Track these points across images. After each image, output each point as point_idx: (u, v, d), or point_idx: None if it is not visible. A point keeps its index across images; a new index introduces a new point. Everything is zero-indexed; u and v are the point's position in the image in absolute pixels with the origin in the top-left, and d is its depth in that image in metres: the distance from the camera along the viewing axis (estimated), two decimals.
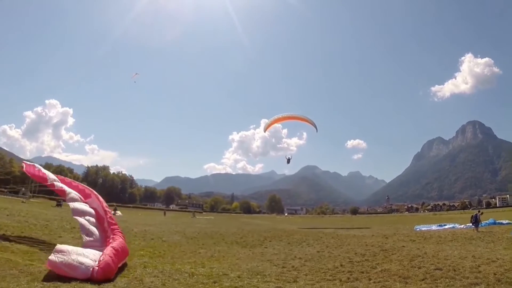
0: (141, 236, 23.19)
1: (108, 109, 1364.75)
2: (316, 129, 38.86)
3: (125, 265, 11.92)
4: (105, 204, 14.65)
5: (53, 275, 9.39)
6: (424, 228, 39.23)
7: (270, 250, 19.30)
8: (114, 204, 77.52)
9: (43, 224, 23.59)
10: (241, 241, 23.86)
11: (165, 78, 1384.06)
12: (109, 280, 9.70)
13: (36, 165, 16.53)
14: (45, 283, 8.89)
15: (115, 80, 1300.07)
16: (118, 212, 58.02)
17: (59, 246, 10.23)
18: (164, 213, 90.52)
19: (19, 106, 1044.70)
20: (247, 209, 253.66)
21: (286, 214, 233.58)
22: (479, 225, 32.50)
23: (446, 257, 15.74)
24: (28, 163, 17.13)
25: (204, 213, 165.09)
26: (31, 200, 76.81)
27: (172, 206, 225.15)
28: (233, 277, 11.40)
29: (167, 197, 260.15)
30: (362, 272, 12.80)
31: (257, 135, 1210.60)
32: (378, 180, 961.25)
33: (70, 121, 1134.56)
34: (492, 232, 29.10)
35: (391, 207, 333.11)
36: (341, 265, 14.27)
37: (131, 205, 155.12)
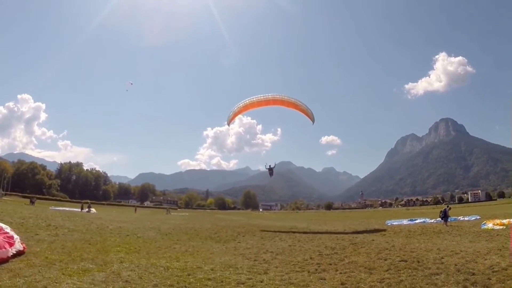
0: (116, 233, 23.30)
1: (82, 104, 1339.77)
2: (313, 121, 33.08)
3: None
4: None
5: None
6: (395, 222, 40.15)
7: (243, 245, 19.80)
8: (88, 201, 76.61)
9: (18, 222, 23.51)
10: (215, 237, 24.28)
11: (140, 73, 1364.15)
12: None
13: None
14: None
15: (89, 75, 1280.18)
16: (92, 210, 57.48)
17: None
18: (135, 210, 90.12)
19: None
20: (222, 205, 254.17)
21: (261, 210, 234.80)
22: (448, 220, 33.60)
23: (412, 250, 16.49)
24: None
25: (178, 209, 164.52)
26: (4, 198, 75.48)
27: (146, 203, 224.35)
28: (206, 270, 11.93)
29: (142, 194, 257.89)
30: (330, 264, 13.37)
31: (232, 131, 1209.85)
32: (352, 176, 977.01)
33: (43, 116, 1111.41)
34: (461, 226, 30.17)
35: (365, 202, 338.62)
36: (311, 258, 14.85)
37: (105, 202, 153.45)
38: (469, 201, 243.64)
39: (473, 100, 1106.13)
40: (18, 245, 12.67)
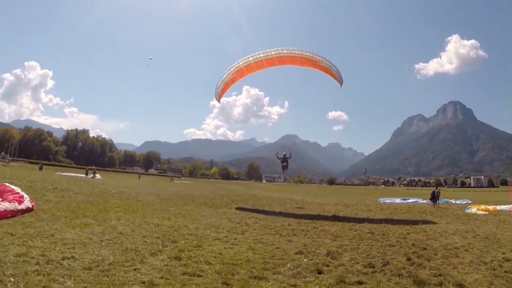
0: (118, 197, 25.25)
1: (89, 71, 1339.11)
2: (340, 82, 24.65)
3: None
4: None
5: None
6: (387, 200, 41.30)
7: (232, 211, 21.50)
8: (94, 167, 78.42)
9: (27, 185, 25.35)
10: (209, 203, 26.04)
11: (148, 42, 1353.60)
12: None
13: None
14: None
15: (97, 43, 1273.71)
16: (97, 175, 59.20)
17: None
18: (139, 177, 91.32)
19: None
20: (226, 175, 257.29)
21: (263, 181, 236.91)
22: (438, 202, 34.63)
23: (385, 225, 17.55)
24: None
25: (182, 178, 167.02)
26: (11, 164, 77.64)
27: (151, 171, 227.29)
28: (191, 228, 13.69)
29: (147, 162, 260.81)
30: (303, 230, 14.69)
31: (239, 101, 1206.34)
32: (357, 153, 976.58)
33: (50, 83, 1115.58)
34: (448, 208, 31.04)
35: (367, 179, 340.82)
36: (289, 224, 16.31)
37: (110, 169, 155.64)
38: (471, 185, 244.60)
39: (483, 85, 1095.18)
40: (28, 203, 14.46)
